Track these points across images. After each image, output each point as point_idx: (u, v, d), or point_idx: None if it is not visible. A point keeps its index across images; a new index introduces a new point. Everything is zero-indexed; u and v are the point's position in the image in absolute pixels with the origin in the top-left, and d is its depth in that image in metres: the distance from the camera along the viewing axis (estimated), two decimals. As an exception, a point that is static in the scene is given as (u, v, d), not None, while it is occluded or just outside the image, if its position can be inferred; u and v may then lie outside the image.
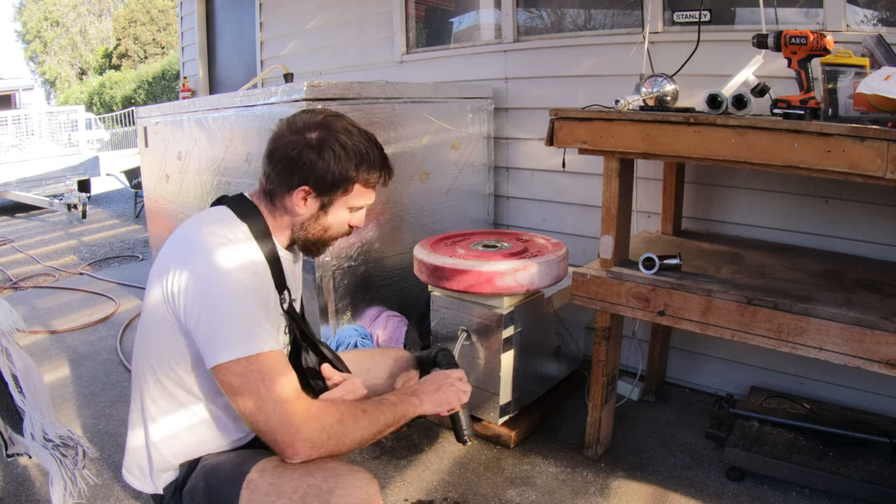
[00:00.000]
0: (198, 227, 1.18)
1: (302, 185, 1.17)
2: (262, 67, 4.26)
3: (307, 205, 1.20)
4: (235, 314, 1.07)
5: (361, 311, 2.31)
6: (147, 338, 1.18)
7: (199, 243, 1.13)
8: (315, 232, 1.24)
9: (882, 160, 1.28)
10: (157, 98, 18.22)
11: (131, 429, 1.23)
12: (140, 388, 1.20)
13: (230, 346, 1.06)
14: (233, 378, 1.05)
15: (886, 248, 1.98)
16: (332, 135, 1.18)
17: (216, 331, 1.07)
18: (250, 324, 1.08)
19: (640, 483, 1.86)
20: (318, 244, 1.27)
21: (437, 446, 2.06)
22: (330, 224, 1.23)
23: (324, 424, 1.07)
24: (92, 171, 7.92)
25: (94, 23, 25.97)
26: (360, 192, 1.22)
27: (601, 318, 1.84)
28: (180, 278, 1.10)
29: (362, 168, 1.19)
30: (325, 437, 1.07)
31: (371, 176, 1.21)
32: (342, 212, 1.23)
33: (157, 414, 1.18)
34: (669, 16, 2.30)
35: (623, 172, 1.74)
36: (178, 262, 1.12)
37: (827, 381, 2.13)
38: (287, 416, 1.05)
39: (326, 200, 1.20)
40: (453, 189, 2.65)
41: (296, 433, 1.05)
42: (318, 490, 1.04)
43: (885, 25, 1.94)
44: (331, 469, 1.07)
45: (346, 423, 1.10)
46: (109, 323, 3.27)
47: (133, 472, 1.23)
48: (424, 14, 3.35)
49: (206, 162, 2.71)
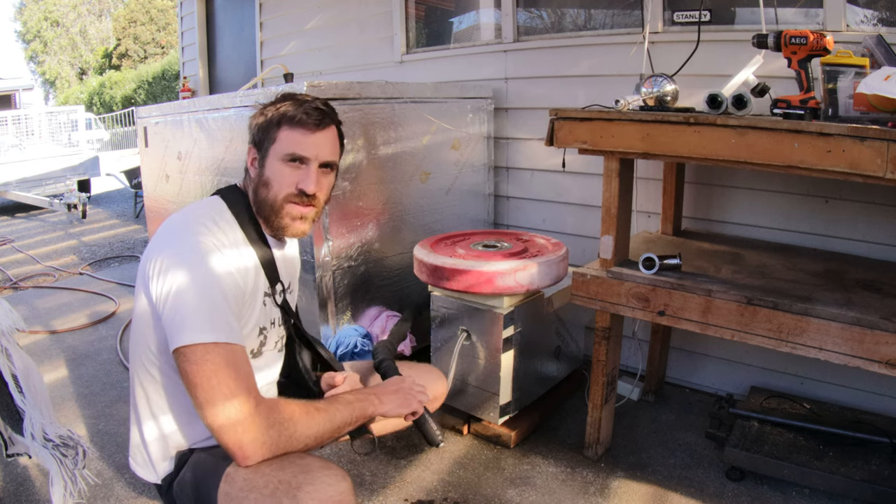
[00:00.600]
0: (183, 216, 1.20)
1: (250, 144, 1.24)
2: (262, 67, 4.26)
3: (254, 166, 1.23)
4: (201, 301, 1.07)
5: (361, 311, 2.31)
6: (137, 329, 1.20)
7: (180, 231, 1.15)
8: (262, 192, 1.22)
9: (882, 160, 1.28)
10: (157, 98, 18.21)
11: (132, 422, 1.25)
12: (134, 380, 1.23)
13: (191, 329, 1.05)
14: (188, 365, 1.05)
15: (886, 248, 1.98)
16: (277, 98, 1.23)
17: (180, 315, 1.06)
18: (215, 313, 1.08)
19: (640, 483, 1.86)
20: (271, 210, 1.22)
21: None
22: (268, 178, 1.20)
23: (272, 422, 1.06)
24: (92, 171, 7.92)
25: (94, 23, 25.97)
26: (285, 138, 1.19)
27: (601, 318, 1.84)
28: (158, 265, 1.10)
29: (287, 114, 1.19)
30: (276, 434, 1.06)
31: (292, 118, 1.19)
32: (276, 163, 1.20)
33: (151, 404, 1.21)
34: (669, 16, 2.30)
35: (623, 172, 1.74)
36: (158, 250, 1.13)
37: (827, 381, 2.13)
38: (234, 413, 1.03)
39: (262, 154, 1.22)
40: (453, 189, 2.65)
41: (243, 432, 1.04)
42: (287, 486, 1.04)
43: (885, 25, 1.94)
44: (302, 465, 1.07)
45: (299, 421, 1.09)
46: (109, 323, 3.27)
47: (137, 460, 1.26)
48: (424, 14, 3.35)
49: (206, 162, 2.71)
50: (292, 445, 1.08)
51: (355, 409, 1.19)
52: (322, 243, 2.12)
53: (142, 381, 1.21)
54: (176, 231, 1.15)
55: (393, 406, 1.27)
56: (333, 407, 1.16)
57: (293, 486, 1.04)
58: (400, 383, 1.33)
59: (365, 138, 2.21)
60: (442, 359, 2.08)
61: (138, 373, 1.21)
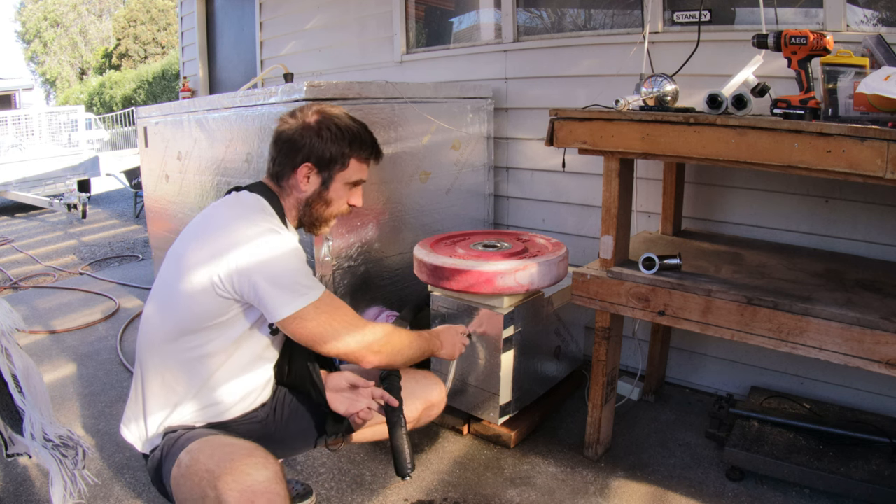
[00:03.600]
0: (234, 210, 1.30)
1: (304, 162, 1.33)
2: (262, 67, 4.26)
3: (310, 182, 1.35)
4: (294, 272, 1.23)
5: (361, 311, 2.31)
6: (173, 311, 1.26)
7: (243, 222, 1.24)
8: (319, 208, 1.39)
9: (882, 160, 1.28)
10: (157, 98, 18.21)
11: (136, 400, 1.32)
12: (153, 360, 1.29)
13: (296, 296, 1.21)
14: (305, 324, 1.22)
15: (886, 248, 1.98)
16: (328, 118, 1.36)
17: (280, 290, 1.20)
18: (306, 276, 1.25)
19: (639, 483, 1.86)
20: (321, 221, 1.41)
21: (437, 446, 2.06)
22: (331, 199, 1.38)
23: (379, 335, 1.34)
24: (92, 171, 7.92)
25: (94, 23, 25.97)
26: (355, 167, 1.38)
27: (601, 318, 1.84)
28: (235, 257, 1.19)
29: (355, 144, 1.37)
30: (385, 343, 1.35)
31: (363, 151, 1.39)
32: (341, 187, 1.38)
33: (167, 387, 1.28)
34: (669, 16, 2.30)
35: (623, 172, 1.74)
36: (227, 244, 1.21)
37: (827, 381, 2.13)
38: (359, 337, 1.29)
39: (326, 176, 1.36)
40: (453, 189, 2.65)
41: (367, 345, 1.31)
42: (210, 475, 1.08)
43: (885, 25, 1.94)
44: (227, 454, 1.11)
45: (396, 338, 1.39)
46: (109, 323, 3.27)
47: (130, 428, 1.33)
48: (424, 14, 3.35)
49: (207, 162, 2.71)
50: (394, 358, 1.38)
51: (428, 345, 1.52)
52: (322, 243, 2.12)
53: (164, 361, 1.27)
54: (237, 223, 1.25)
55: (449, 351, 1.62)
56: (415, 336, 1.48)
57: (215, 476, 1.07)
58: (454, 335, 1.65)
59: (365, 138, 2.20)
60: (442, 359, 2.08)
61: (161, 354, 1.27)
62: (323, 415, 1.47)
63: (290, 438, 1.47)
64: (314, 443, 1.52)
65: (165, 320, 1.27)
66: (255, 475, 1.06)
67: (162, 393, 1.28)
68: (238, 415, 1.36)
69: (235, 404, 1.34)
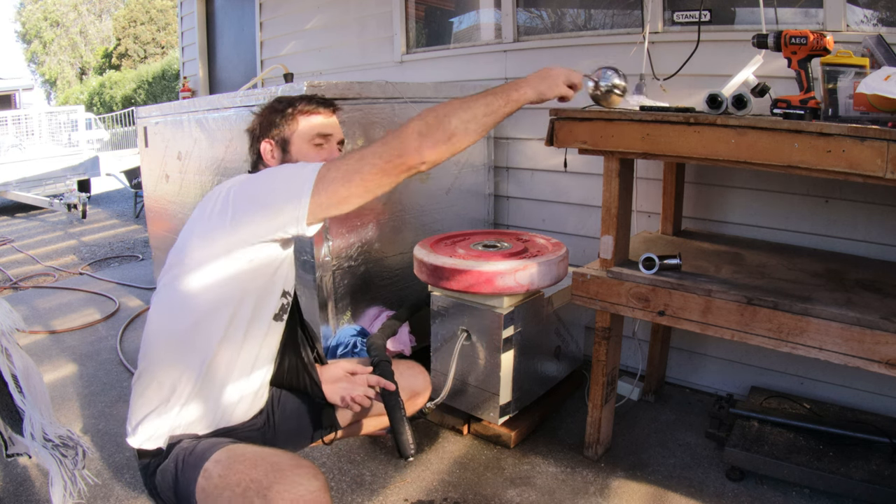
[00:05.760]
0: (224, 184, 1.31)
1: (261, 139, 1.38)
2: (262, 67, 4.26)
3: (274, 155, 1.38)
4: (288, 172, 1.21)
5: (361, 311, 2.31)
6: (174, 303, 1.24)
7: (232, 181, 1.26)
8: None
9: (882, 160, 1.28)
10: (157, 98, 18.21)
11: (139, 393, 1.29)
12: (161, 359, 1.27)
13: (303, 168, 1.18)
14: (333, 173, 1.14)
15: (886, 248, 1.98)
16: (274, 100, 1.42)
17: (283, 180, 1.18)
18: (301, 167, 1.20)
19: (639, 483, 1.86)
20: None
21: (437, 446, 2.06)
22: (297, 160, 1.35)
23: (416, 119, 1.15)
24: (92, 171, 7.92)
25: (94, 23, 25.97)
26: (305, 121, 1.37)
27: (601, 318, 1.84)
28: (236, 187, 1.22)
29: (296, 102, 1.39)
30: (431, 121, 1.13)
31: (305, 104, 1.38)
32: (304, 146, 1.37)
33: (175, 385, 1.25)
34: (669, 16, 2.30)
35: (623, 172, 1.74)
36: (214, 198, 1.22)
37: (827, 381, 2.13)
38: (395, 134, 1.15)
39: (282, 141, 1.37)
40: (453, 189, 2.65)
41: (406, 139, 1.13)
42: (258, 485, 1.06)
43: (885, 25, 1.94)
44: (274, 464, 1.10)
45: (434, 111, 1.15)
46: (109, 323, 3.27)
47: (131, 422, 1.30)
48: (424, 14, 3.35)
49: (206, 162, 2.71)
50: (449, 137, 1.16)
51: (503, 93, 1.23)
52: (322, 243, 2.12)
53: (173, 362, 1.24)
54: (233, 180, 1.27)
55: (539, 90, 1.28)
56: (486, 92, 1.21)
57: (264, 486, 1.06)
58: (548, 72, 1.30)
59: (365, 138, 2.20)
60: (442, 359, 2.08)
61: (167, 349, 1.25)
62: (317, 410, 1.47)
63: (285, 440, 1.47)
64: (310, 438, 1.52)
65: (173, 312, 1.26)
66: (306, 485, 1.06)
67: (165, 392, 1.26)
68: (239, 422, 1.35)
69: (237, 405, 1.33)
